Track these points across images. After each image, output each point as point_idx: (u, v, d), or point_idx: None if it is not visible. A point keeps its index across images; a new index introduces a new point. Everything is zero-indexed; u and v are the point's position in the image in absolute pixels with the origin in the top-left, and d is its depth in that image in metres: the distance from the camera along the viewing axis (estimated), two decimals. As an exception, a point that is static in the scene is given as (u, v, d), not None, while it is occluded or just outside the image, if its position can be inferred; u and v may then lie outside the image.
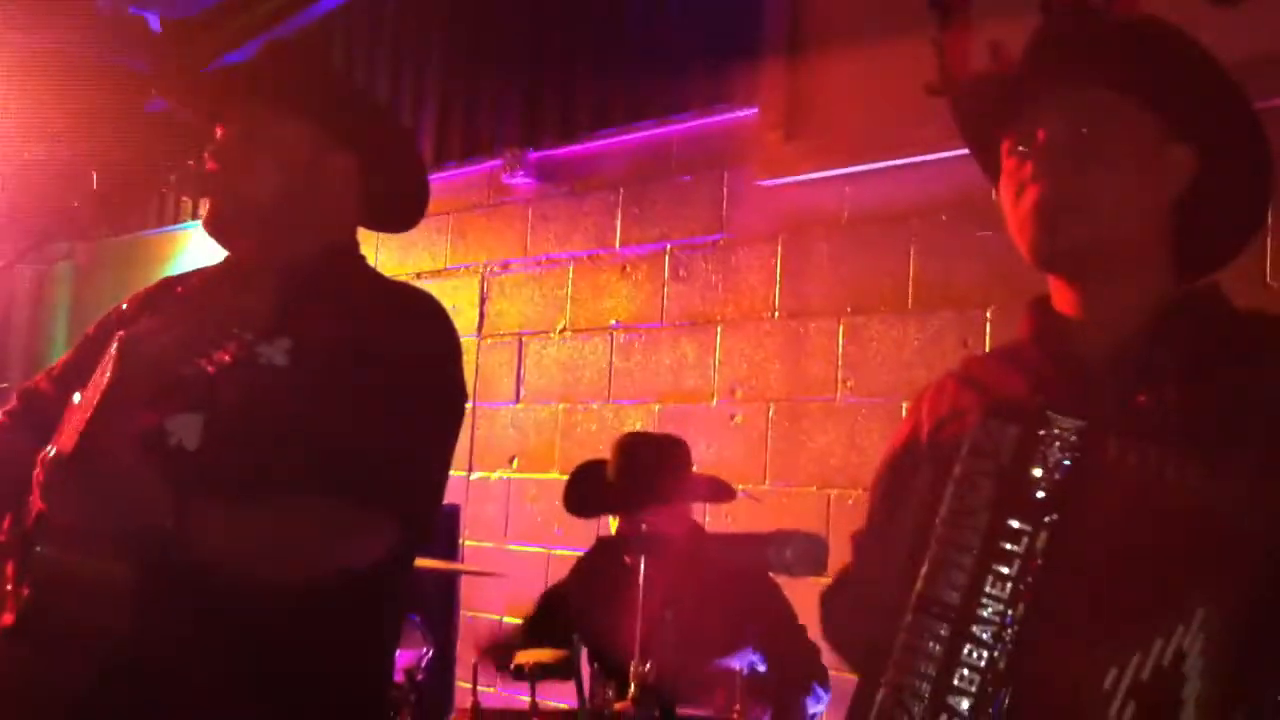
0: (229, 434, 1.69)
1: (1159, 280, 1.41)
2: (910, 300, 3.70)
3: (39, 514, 1.60)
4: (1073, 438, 1.21)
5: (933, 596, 1.21)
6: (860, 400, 3.70)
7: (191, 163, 1.88)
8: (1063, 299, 1.45)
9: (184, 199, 5.89)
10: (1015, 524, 1.20)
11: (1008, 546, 1.20)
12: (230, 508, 1.62)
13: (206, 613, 1.62)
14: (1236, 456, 1.19)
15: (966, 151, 1.59)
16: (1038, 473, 1.21)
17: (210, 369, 1.67)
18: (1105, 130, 1.37)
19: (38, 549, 1.60)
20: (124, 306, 1.93)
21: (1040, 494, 1.20)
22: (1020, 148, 1.41)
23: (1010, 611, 1.18)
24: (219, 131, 1.87)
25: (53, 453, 1.61)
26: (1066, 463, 1.20)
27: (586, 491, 3.35)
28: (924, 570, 1.23)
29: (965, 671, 1.18)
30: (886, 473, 1.55)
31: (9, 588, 1.64)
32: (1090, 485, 1.20)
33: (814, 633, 3.20)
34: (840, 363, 3.83)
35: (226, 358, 1.67)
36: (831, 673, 3.21)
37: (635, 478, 3.29)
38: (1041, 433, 1.22)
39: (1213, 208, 1.41)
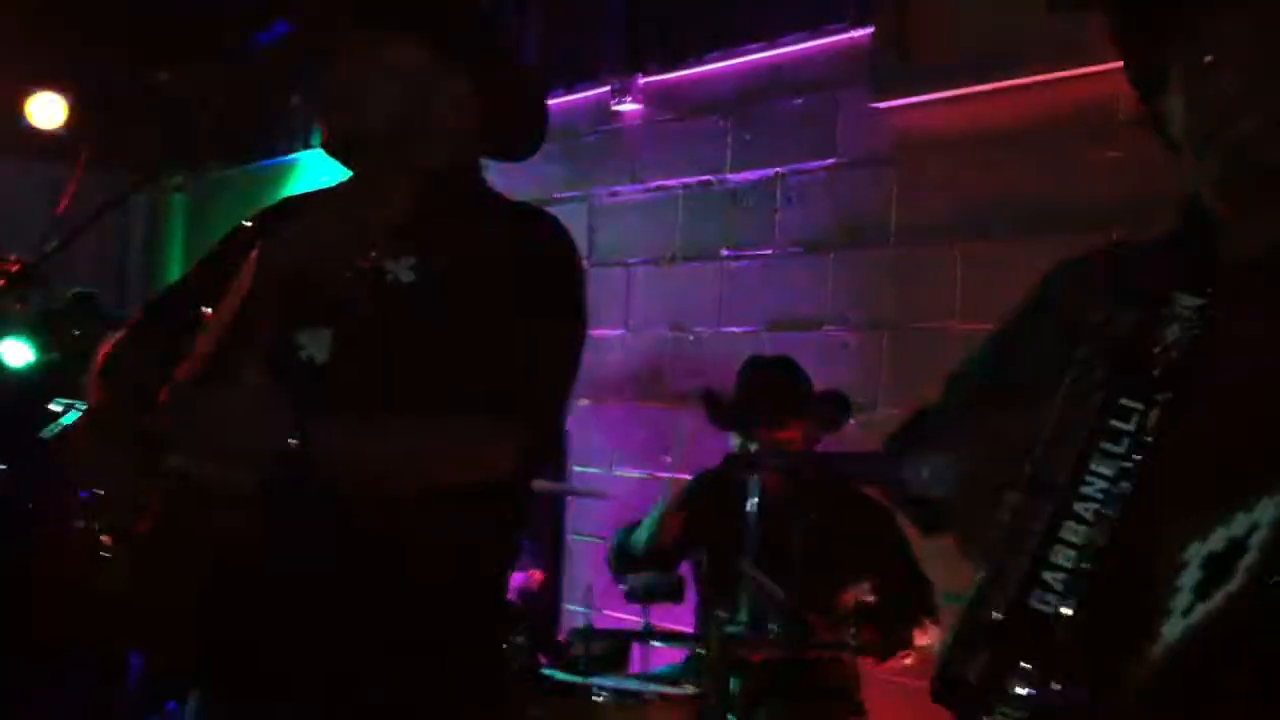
0: (358, 349, 1.71)
1: None
2: (1027, 224, 3.61)
3: (169, 429, 1.63)
4: (1192, 315, 1.19)
5: (1042, 476, 1.21)
6: (975, 326, 3.63)
7: (309, 88, 1.89)
8: (1222, 205, 1.39)
9: (297, 128, 5.95)
10: (1128, 402, 1.19)
11: (1118, 425, 1.19)
12: (358, 423, 1.64)
13: (335, 525, 1.65)
14: None
15: (1085, 69, 1.53)
16: (1156, 351, 1.20)
17: (339, 285, 1.68)
18: None
19: (169, 460, 1.64)
20: (249, 224, 1.96)
21: (1156, 372, 1.19)
22: (1204, 55, 1.34)
23: (1114, 489, 1.18)
24: (339, 55, 1.87)
25: (183, 371, 1.64)
26: (1184, 340, 1.18)
27: (712, 413, 3.39)
28: (1036, 451, 1.23)
29: (1063, 549, 1.18)
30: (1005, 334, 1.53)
31: (142, 498, 1.69)
32: (1207, 362, 1.18)
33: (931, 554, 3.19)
34: (957, 288, 3.76)
35: (354, 274, 1.68)
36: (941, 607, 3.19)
37: (756, 396, 3.31)
38: (1162, 312, 1.20)
39: None
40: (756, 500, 3.12)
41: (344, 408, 1.65)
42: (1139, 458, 1.18)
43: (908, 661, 3.07)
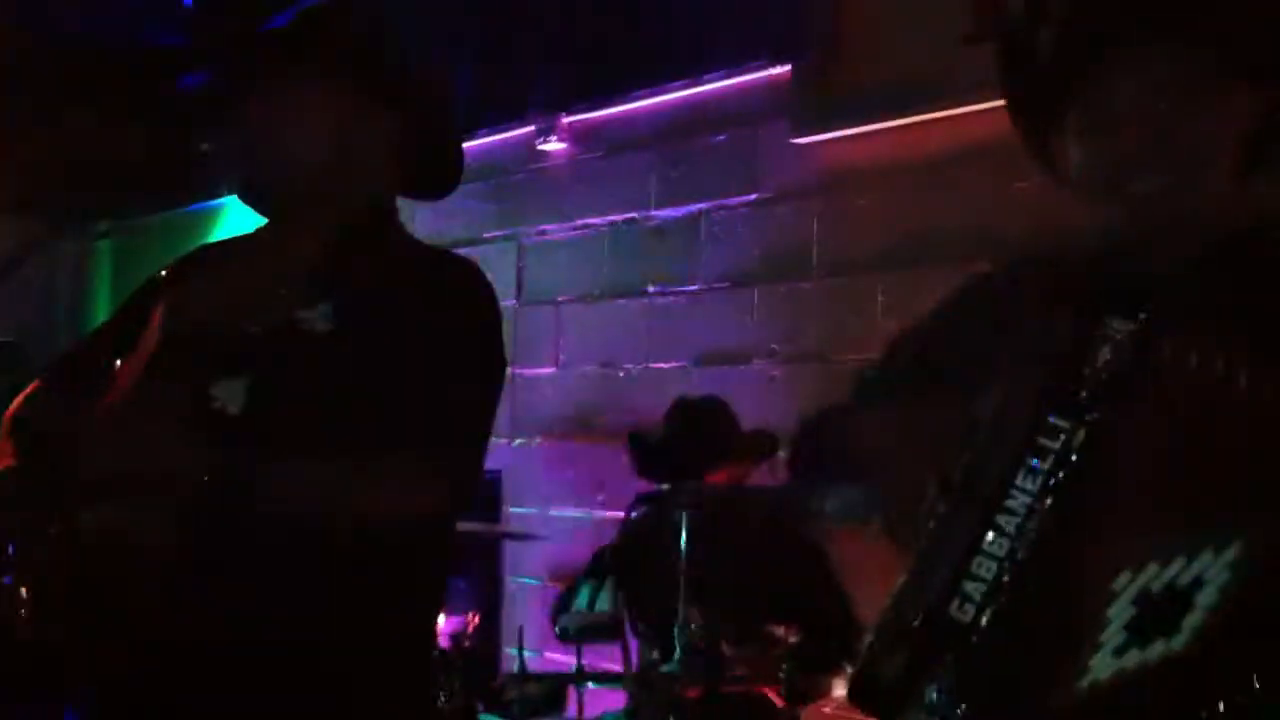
0: (272, 399, 1.70)
1: (1235, 205, 1.38)
2: (949, 255, 3.66)
3: (81, 477, 1.61)
4: (1125, 337, 1.20)
5: (967, 486, 1.22)
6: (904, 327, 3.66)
7: (225, 134, 1.89)
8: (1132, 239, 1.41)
9: (220, 173, 5.91)
10: (1055, 420, 1.19)
11: (1045, 441, 1.19)
12: (272, 467, 1.63)
13: (249, 573, 1.64)
14: None
15: (999, 102, 1.55)
16: (1086, 371, 1.20)
17: (253, 335, 1.67)
18: (1181, 84, 1.33)
19: (82, 513, 1.62)
20: (164, 274, 1.94)
21: (1084, 392, 1.19)
22: (1093, 113, 1.36)
23: (1037, 505, 1.18)
24: (255, 100, 1.86)
25: (95, 416, 1.62)
26: (1115, 364, 1.20)
27: (639, 460, 3.38)
28: (963, 458, 1.23)
29: (984, 560, 1.19)
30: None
31: (56, 552, 1.66)
32: (1139, 387, 1.19)
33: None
34: (881, 320, 3.80)
35: (268, 324, 1.67)
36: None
37: (683, 445, 3.31)
38: (1095, 331, 1.21)
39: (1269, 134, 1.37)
40: (685, 538, 3.12)
41: (258, 458, 1.63)
42: (1063, 476, 1.19)
43: (826, 710, 3.06)
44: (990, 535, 1.19)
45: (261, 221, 1.91)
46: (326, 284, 1.76)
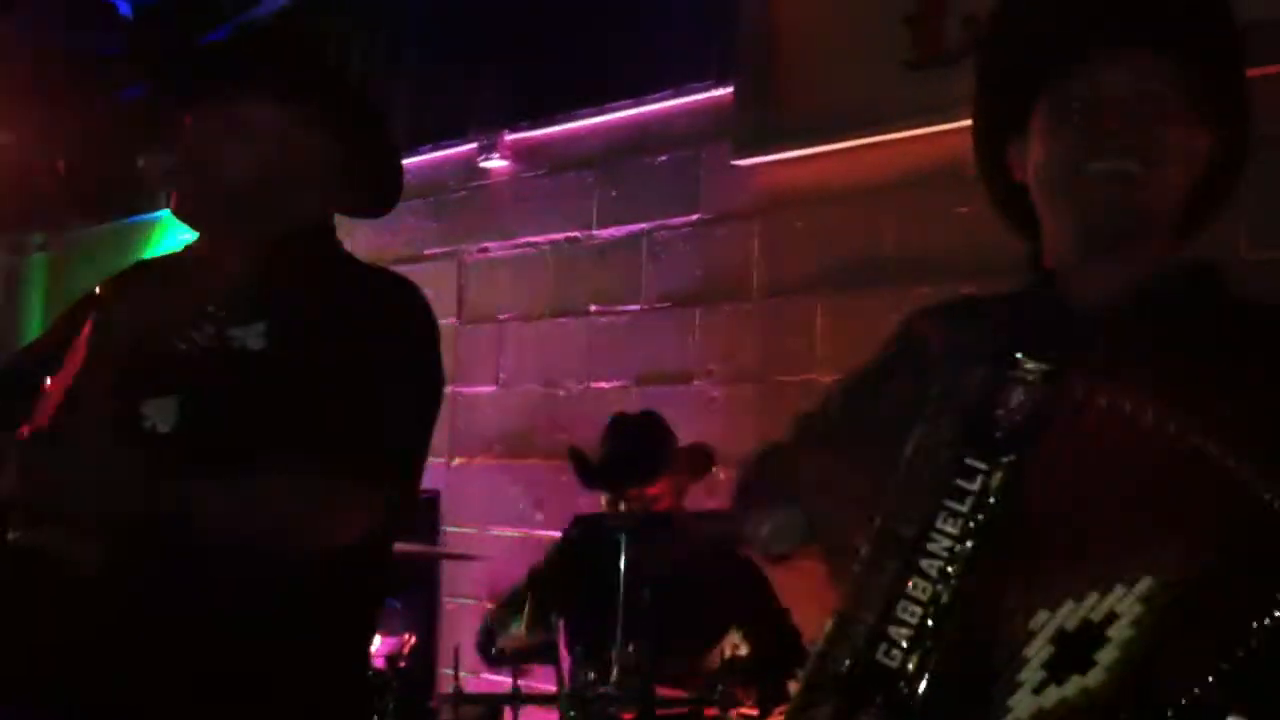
0: (204, 418, 1.68)
1: (1165, 246, 1.40)
2: (887, 277, 3.69)
3: (9, 498, 1.59)
4: (1038, 380, 1.22)
5: (889, 530, 1.23)
6: (840, 377, 3.69)
7: (161, 148, 1.87)
8: (1071, 253, 1.42)
9: (157, 187, 5.83)
10: (972, 462, 1.21)
11: (963, 484, 1.21)
12: (204, 488, 1.61)
13: (182, 594, 1.62)
14: (1219, 412, 1.18)
15: (940, 126, 1.57)
16: (999, 413, 1.22)
17: (185, 353, 1.65)
18: (1161, 94, 1.34)
19: (9, 534, 1.59)
20: (98, 290, 1.92)
21: (999, 434, 1.21)
22: (1080, 97, 1.36)
23: (958, 548, 1.19)
24: (191, 115, 1.85)
25: (24, 436, 1.60)
26: (1027, 404, 1.21)
27: (579, 473, 3.40)
28: (885, 507, 1.25)
29: (909, 605, 1.20)
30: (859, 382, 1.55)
31: None
32: (1052, 428, 1.20)
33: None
34: (820, 341, 3.83)
35: (201, 342, 1.65)
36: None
37: (622, 456, 3.32)
38: (1009, 373, 1.23)
39: (1214, 181, 1.39)
40: (624, 560, 3.12)
41: (190, 476, 1.61)
42: (982, 518, 1.20)
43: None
44: (914, 580, 1.20)
45: (195, 237, 1.90)
46: (261, 302, 1.74)
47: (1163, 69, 1.35)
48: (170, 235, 5.81)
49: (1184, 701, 1.10)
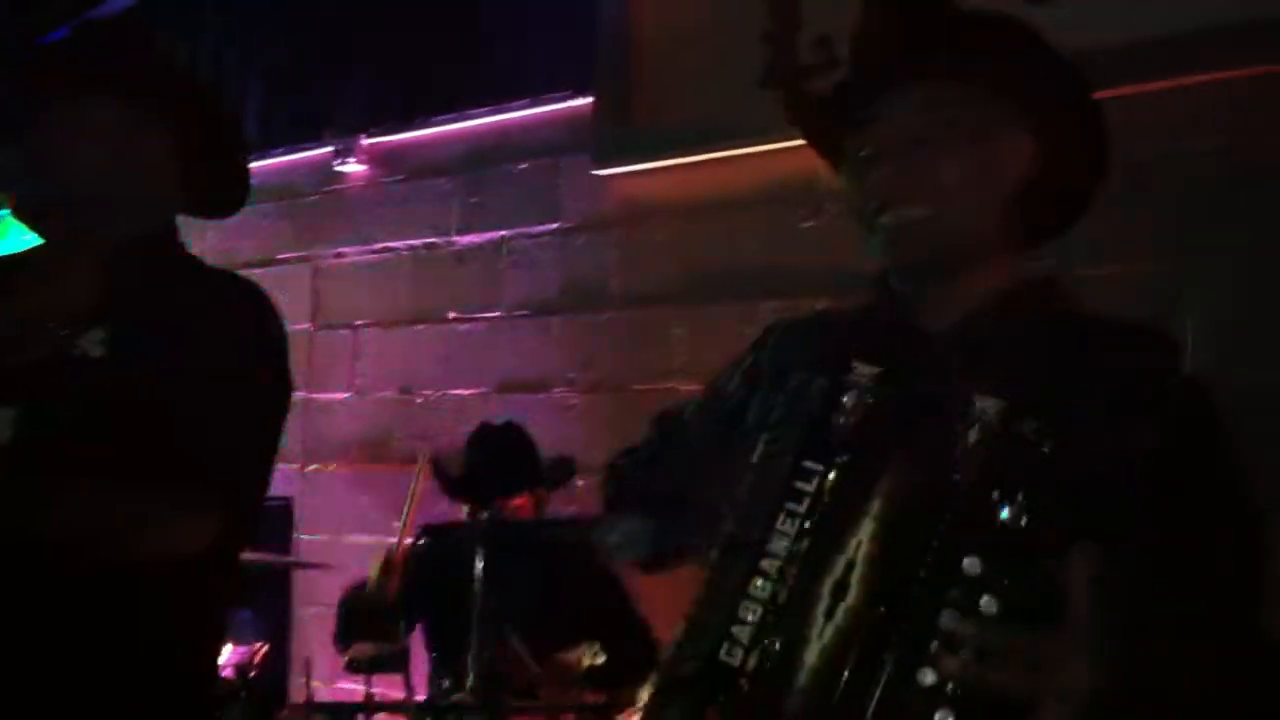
0: (42, 428, 1.63)
1: (999, 264, 1.45)
2: (743, 288, 3.75)
3: None
4: (869, 384, 1.27)
5: (737, 534, 1.28)
6: (697, 388, 3.73)
7: (2, 146, 1.82)
8: (896, 280, 1.48)
9: (-2, 185, 5.65)
10: (809, 464, 1.27)
11: (801, 485, 1.26)
12: (38, 497, 1.57)
13: (19, 603, 1.58)
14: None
15: (793, 142, 1.62)
16: (838, 418, 1.28)
17: (22, 362, 1.61)
18: (947, 124, 1.40)
19: None
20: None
21: (835, 436, 1.27)
22: (864, 149, 1.43)
23: (795, 547, 1.24)
24: (30, 114, 1.80)
25: None
26: (859, 407, 1.27)
27: (441, 484, 3.38)
28: (734, 512, 1.30)
29: (751, 604, 1.24)
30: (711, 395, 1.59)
31: None
32: (881, 428, 1.26)
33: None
34: (677, 350, 3.87)
35: (39, 350, 1.61)
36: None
37: (486, 469, 3.32)
38: (845, 379, 1.28)
39: (1050, 191, 1.45)
40: (481, 566, 3.12)
41: (30, 489, 1.57)
42: (817, 517, 1.25)
43: (634, 720, 3.11)
44: (756, 579, 1.25)
45: (37, 240, 1.85)
46: (102, 308, 1.70)
47: (953, 92, 1.40)
48: (11, 237, 5.61)
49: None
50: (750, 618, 1.24)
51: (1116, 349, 1.36)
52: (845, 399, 1.29)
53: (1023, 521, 1.17)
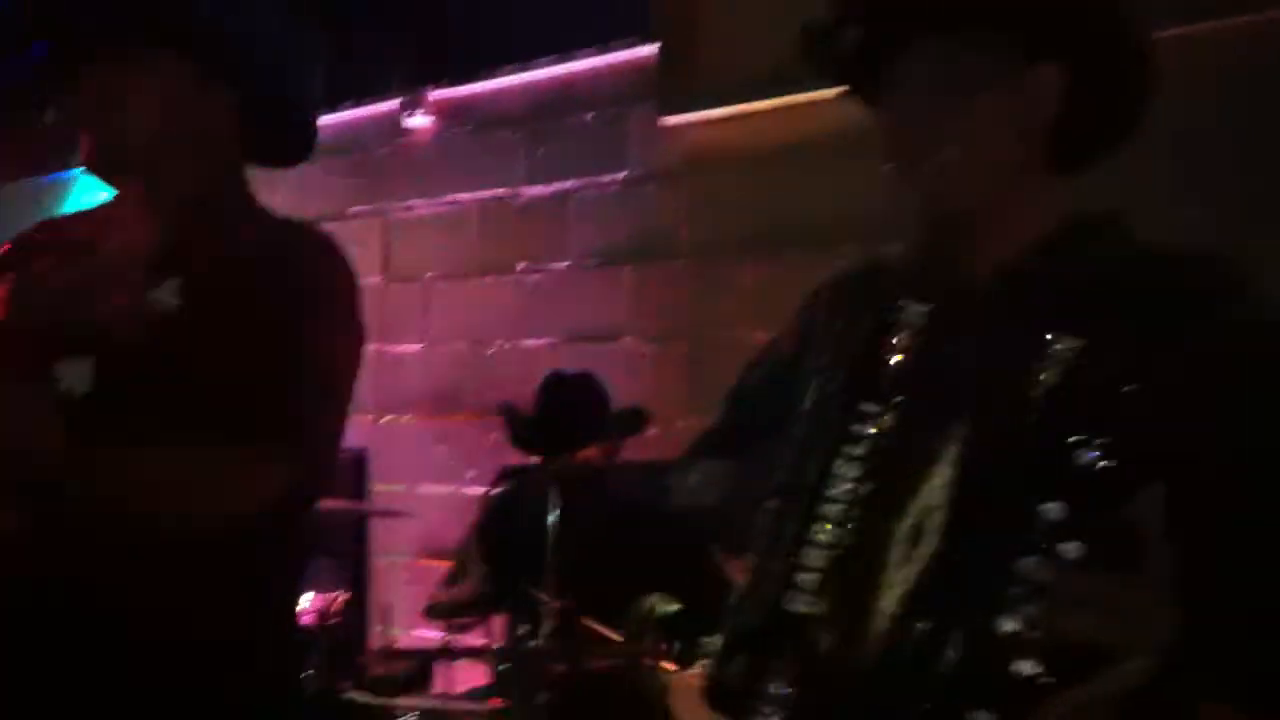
0: (120, 378, 1.65)
1: (1046, 201, 1.42)
2: (814, 236, 3.71)
3: None
4: (920, 321, 1.25)
5: (794, 482, 1.27)
6: (767, 336, 3.71)
7: (67, 103, 1.83)
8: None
9: (66, 144, 5.71)
10: (865, 406, 1.25)
11: (858, 428, 1.25)
12: (120, 453, 1.60)
13: (102, 558, 1.61)
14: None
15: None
16: (889, 357, 1.27)
17: (99, 313, 1.63)
18: (969, 71, 1.36)
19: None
20: (7, 250, 1.88)
21: (887, 377, 1.26)
22: (885, 98, 1.40)
23: (857, 491, 1.23)
24: (96, 71, 1.81)
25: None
26: (912, 345, 1.26)
27: (511, 433, 3.38)
28: (788, 460, 1.29)
29: (813, 551, 1.23)
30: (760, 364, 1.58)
31: None
32: (937, 368, 1.24)
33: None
34: (750, 298, 3.85)
35: (115, 301, 1.63)
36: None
37: (556, 421, 3.32)
38: (893, 319, 1.27)
39: (1087, 117, 1.39)
40: (557, 515, 3.13)
41: (105, 440, 1.59)
42: (878, 460, 1.23)
43: (694, 678, 3.10)
44: (817, 525, 1.23)
45: (109, 194, 1.87)
46: (175, 259, 1.72)
47: (974, 37, 1.35)
48: (83, 193, 5.69)
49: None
50: (815, 564, 1.23)
51: (1185, 282, 1.32)
52: (895, 339, 1.27)
53: (1104, 464, 1.14)
